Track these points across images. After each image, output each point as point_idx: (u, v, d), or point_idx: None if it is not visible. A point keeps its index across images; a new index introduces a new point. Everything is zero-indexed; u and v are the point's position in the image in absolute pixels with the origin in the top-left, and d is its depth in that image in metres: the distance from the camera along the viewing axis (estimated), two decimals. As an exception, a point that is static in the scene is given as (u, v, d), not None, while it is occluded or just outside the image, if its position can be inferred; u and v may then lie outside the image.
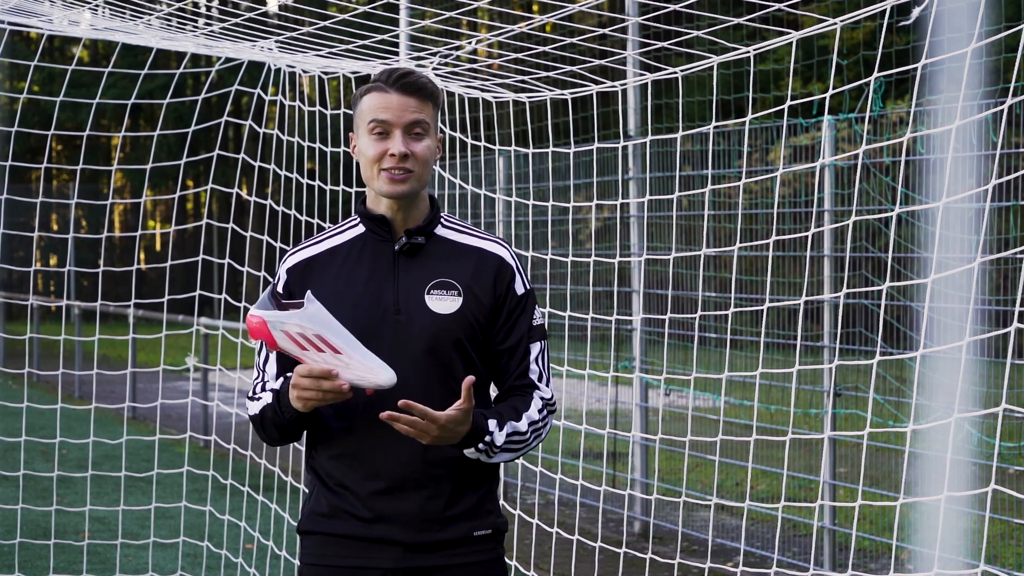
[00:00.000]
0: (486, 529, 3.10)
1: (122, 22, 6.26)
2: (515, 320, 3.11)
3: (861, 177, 7.34)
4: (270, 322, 2.86)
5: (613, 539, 8.06)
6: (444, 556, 3.05)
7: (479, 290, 3.07)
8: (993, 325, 7.13)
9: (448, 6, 7.09)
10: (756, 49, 4.49)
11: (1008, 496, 6.65)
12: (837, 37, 4.32)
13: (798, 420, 8.71)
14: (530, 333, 3.13)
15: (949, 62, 3.09)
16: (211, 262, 7.81)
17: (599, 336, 9.53)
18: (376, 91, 3.07)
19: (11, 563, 7.16)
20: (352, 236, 3.13)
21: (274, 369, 3.11)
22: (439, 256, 3.09)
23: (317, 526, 3.09)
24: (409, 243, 3.07)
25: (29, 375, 15.41)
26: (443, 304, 3.04)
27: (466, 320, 3.04)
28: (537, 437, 3.10)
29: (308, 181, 6.61)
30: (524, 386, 3.12)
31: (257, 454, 7.76)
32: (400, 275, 3.06)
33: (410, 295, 3.04)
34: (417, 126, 3.04)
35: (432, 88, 3.09)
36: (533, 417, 3.09)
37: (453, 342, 3.03)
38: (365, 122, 3.06)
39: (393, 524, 3.02)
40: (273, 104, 6.89)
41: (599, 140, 7.62)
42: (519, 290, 3.12)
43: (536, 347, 3.14)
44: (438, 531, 3.04)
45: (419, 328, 3.01)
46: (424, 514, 3.03)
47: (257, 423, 3.10)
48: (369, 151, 3.05)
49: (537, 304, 3.19)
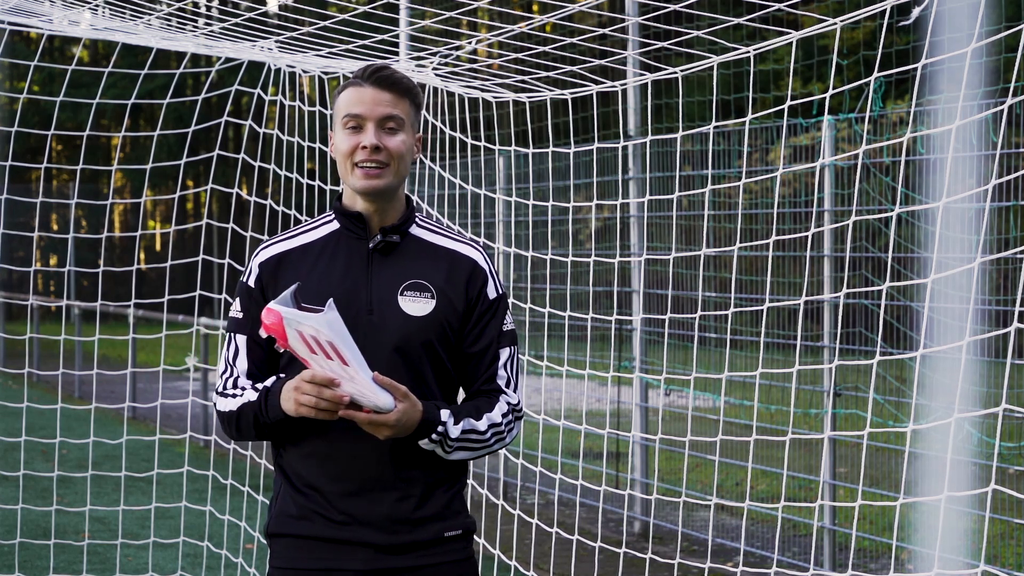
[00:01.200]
0: (456, 530, 3.09)
1: (122, 22, 6.26)
2: (485, 324, 3.10)
3: (861, 177, 7.34)
4: (287, 319, 2.84)
5: (613, 539, 8.06)
6: (415, 557, 3.04)
7: (452, 293, 3.06)
8: (993, 325, 7.13)
9: (448, 6, 7.09)
10: (756, 49, 4.49)
11: (1008, 496, 6.65)
12: (837, 37, 4.32)
13: (798, 420, 8.71)
14: (499, 338, 3.11)
15: (949, 62, 3.09)
16: (211, 262, 7.81)
17: (599, 336, 9.53)
18: (351, 87, 3.08)
19: (11, 563, 7.16)
20: (326, 232, 3.11)
21: (245, 365, 3.08)
22: (413, 256, 3.08)
23: (287, 528, 3.07)
24: (384, 241, 3.06)
25: (29, 375, 15.41)
26: (416, 306, 3.03)
27: (438, 323, 3.04)
28: (499, 440, 3.09)
29: (308, 181, 6.61)
30: (491, 391, 3.11)
31: (257, 454, 7.76)
32: (374, 275, 3.05)
33: (383, 296, 3.03)
34: (390, 120, 3.03)
35: (408, 85, 3.08)
36: (495, 420, 3.08)
37: (424, 344, 3.02)
38: (340, 117, 3.06)
39: (364, 526, 3.01)
40: (273, 104, 6.89)
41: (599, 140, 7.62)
42: (491, 294, 3.11)
43: (505, 352, 3.13)
44: (409, 532, 3.03)
45: (391, 329, 3.00)
46: (395, 515, 3.02)
47: (231, 420, 3.06)
48: (343, 145, 3.04)
49: (509, 310, 3.18)
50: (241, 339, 3.09)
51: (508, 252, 9.15)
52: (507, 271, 9.68)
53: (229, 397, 3.07)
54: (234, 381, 3.08)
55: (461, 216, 8.16)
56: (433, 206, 7.18)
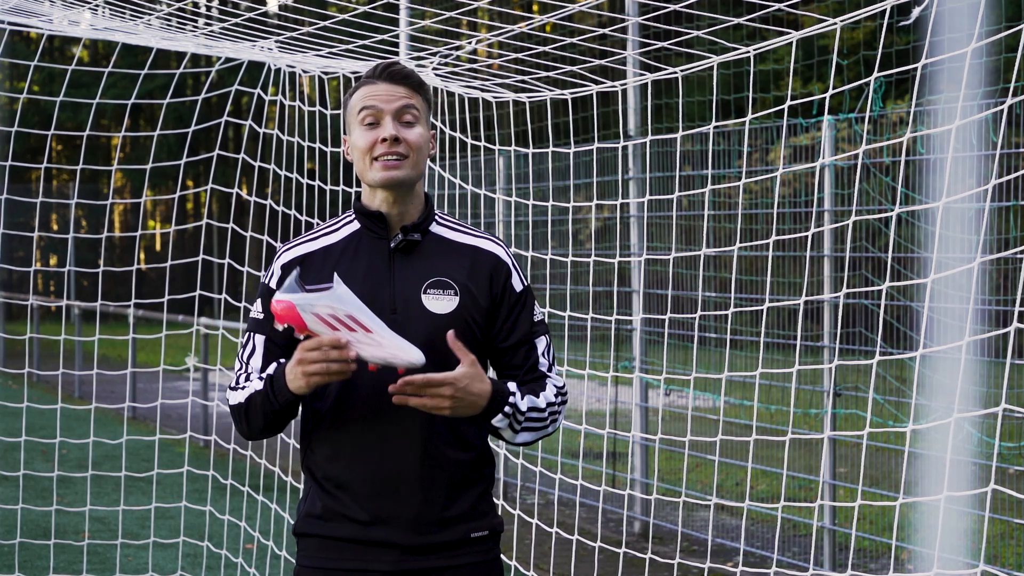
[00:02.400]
0: (483, 530, 3.08)
1: (122, 22, 6.26)
2: (516, 317, 3.10)
3: (861, 177, 7.34)
4: (299, 305, 2.82)
5: (613, 539, 8.06)
6: (442, 558, 3.03)
7: (476, 289, 3.06)
8: (993, 325, 7.13)
9: (448, 6, 7.09)
10: (756, 49, 4.49)
11: (1008, 496, 6.65)
12: (837, 37, 4.32)
13: (798, 420, 8.71)
14: (533, 329, 3.11)
15: (949, 62, 3.09)
16: (211, 262, 7.81)
17: (599, 336, 9.53)
18: (364, 85, 3.08)
19: (11, 563, 7.16)
20: (347, 233, 3.11)
21: (259, 363, 3.07)
22: (435, 254, 3.08)
23: (313, 528, 3.07)
24: (405, 240, 3.05)
25: (29, 375, 15.41)
26: (439, 304, 3.03)
27: (462, 320, 3.03)
28: (554, 421, 3.08)
29: (308, 181, 6.61)
30: (536, 378, 3.10)
31: (257, 454, 7.76)
32: (396, 274, 3.04)
33: (406, 294, 3.02)
34: (407, 112, 3.03)
35: (419, 80, 3.08)
36: (551, 399, 3.07)
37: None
38: (356, 114, 3.06)
39: (391, 526, 3.00)
40: (273, 104, 6.89)
41: (599, 140, 7.62)
42: (517, 287, 3.11)
43: (542, 342, 3.13)
44: (436, 533, 3.02)
45: (415, 328, 2.99)
46: (422, 516, 3.01)
47: (240, 411, 3.04)
48: (361, 141, 3.04)
49: (536, 300, 3.19)
50: (259, 338, 3.08)
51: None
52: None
53: (241, 390, 3.05)
54: (246, 376, 3.07)
55: (461, 216, 8.16)
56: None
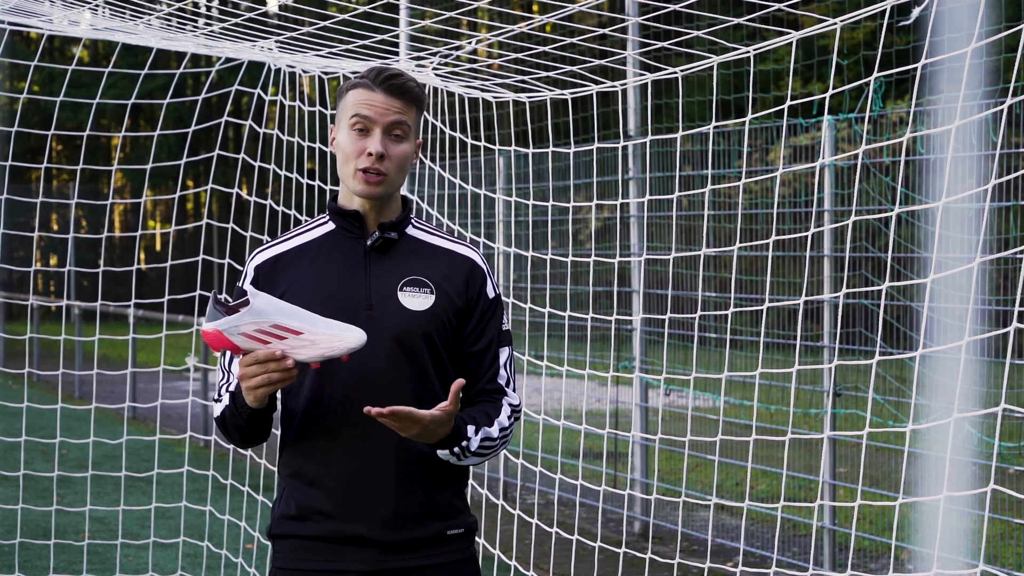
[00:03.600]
0: (459, 528, 3.09)
1: (122, 22, 6.26)
2: (486, 323, 3.11)
3: (861, 177, 7.34)
4: (225, 330, 2.83)
5: (613, 539, 8.06)
6: (419, 557, 3.03)
7: (451, 290, 3.07)
8: (993, 325, 7.13)
9: (448, 6, 7.09)
10: (756, 49, 4.49)
11: (1008, 496, 6.65)
12: (837, 37, 4.32)
13: (798, 420, 8.71)
14: (499, 338, 3.14)
15: (949, 62, 3.10)
16: (211, 262, 7.81)
17: (599, 336, 9.53)
18: (363, 87, 3.07)
19: (11, 563, 7.16)
20: (322, 233, 3.12)
21: (237, 369, 3.07)
22: (410, 254, 3.09)
23: (287, 529, 3.06)
24: (382, 238, 3.06)
25: (29, 375, 15.41)
26: (416, 301, 3.04)
27: (438, 318, 3.04)
28: (504, 443, 3.12)
29: (308, 181, 6.61)
30: (494, 391, 3.13)
31: (257, 454, 7.76)
32: (372, 271, 3.05)
33: (382, 291, 3.03)
34: (398, 127, 3.04)
35: (418, 93, 3.09)
36: (503, 423, 3.09)
37: (424, 336, 3.03)
38: (347, 115, 3.06)
39: (367, 522, 3.00)
40: (273, 104, 6.89)
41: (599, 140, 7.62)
42: (490, 293, 3.13)
43: (504, 352, 3.15)
44: (412, 529, 3.02)
45: (391, 323, 3.01)
46: (398, 511, 3.01)
47: (221, 426, 3.07)
48: (348, 146, 3.04)
49: (506, 310, 3.20)
50: None
51: (508, 252, 9.15)
52: (507, 271, 9.69)
53: (219, 403, 3.08)
54: (226, 386, 3.09)
55: (461, 216, 8.16)
56: (433, 206, 7.18)
